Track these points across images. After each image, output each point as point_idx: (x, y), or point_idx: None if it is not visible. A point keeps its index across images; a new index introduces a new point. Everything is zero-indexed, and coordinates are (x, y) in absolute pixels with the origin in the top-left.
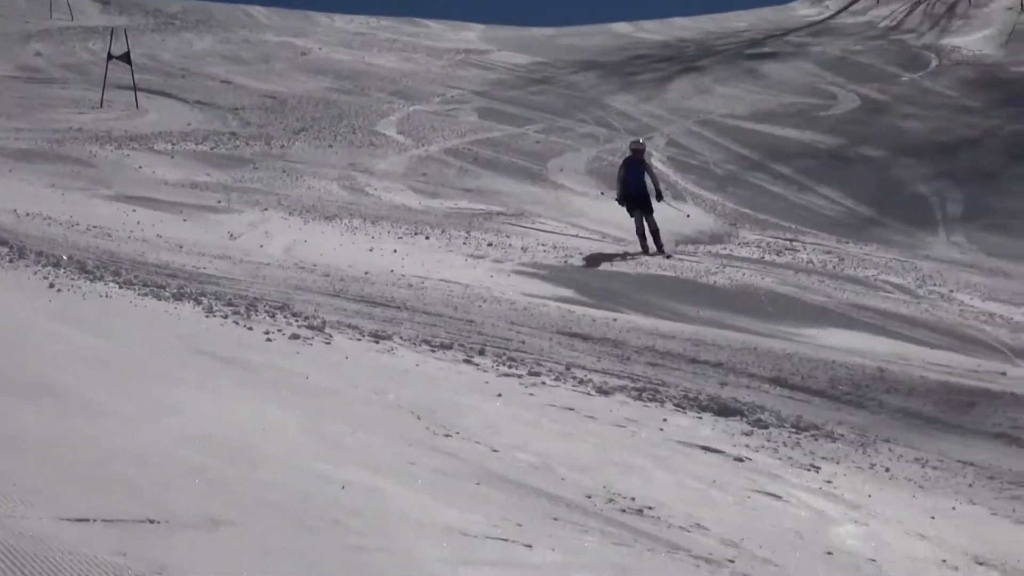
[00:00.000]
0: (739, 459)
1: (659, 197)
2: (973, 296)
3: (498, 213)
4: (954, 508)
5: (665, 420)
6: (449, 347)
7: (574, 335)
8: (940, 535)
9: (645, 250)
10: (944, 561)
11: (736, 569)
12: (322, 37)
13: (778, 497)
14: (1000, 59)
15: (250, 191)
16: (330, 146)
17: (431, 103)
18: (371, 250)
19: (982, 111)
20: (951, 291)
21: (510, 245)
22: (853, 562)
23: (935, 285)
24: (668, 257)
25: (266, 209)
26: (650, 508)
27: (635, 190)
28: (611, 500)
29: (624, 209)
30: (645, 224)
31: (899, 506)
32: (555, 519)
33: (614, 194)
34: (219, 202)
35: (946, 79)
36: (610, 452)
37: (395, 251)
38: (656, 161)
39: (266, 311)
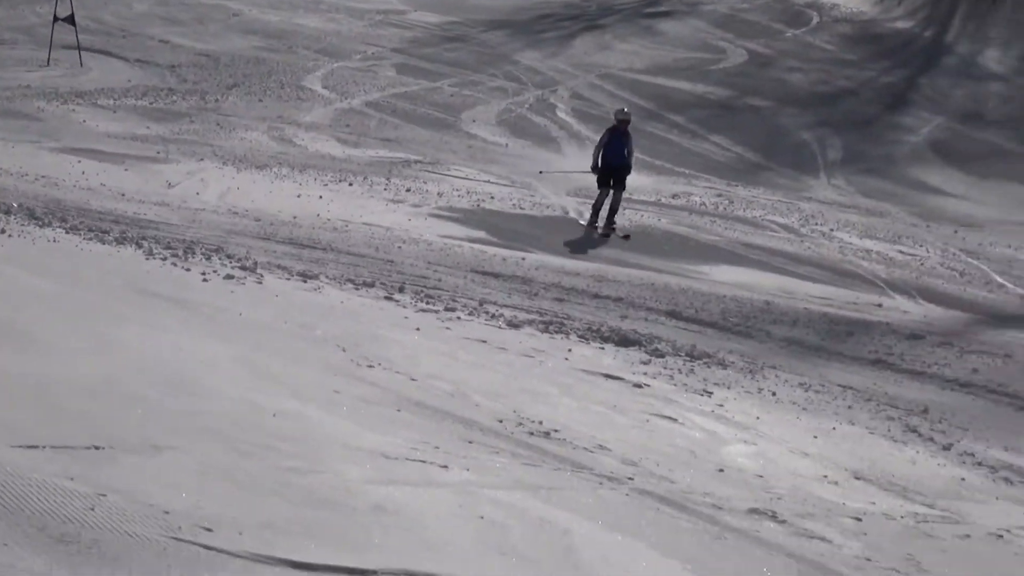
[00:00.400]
0: (638, 385)
1: (627, 171)
2: (851, 234)
3: (416, 161)
4: (834, 428)
5: (570, 350)
6: (371, 285)
7: (486, 273)
8: (822, 453)
9: (594, 224)
10: (825, 477)
11: (635, 486)
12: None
13: (674, 420)
14: (875, 15)
15: (187, 142)
16: (260, 100)
17: (353, 60)
18: (299, 196)
19: (859, 64)
20: (831, 230)
21: (427, 191)
22: (742, 478)
23: (817, 224)
24: (615, 234)
25: (201, 159)
26: (556, 431)
27: (616, 163)
28: (521, 424)
29: (595, 179)
30: (608, 200)
31: (784, 427)
32: (469, 442)
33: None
34: (158, 153)
35: (826, 34)
36: (520, 380)
37: (321, 197)
38: (561, 112)
39: (202, 253)
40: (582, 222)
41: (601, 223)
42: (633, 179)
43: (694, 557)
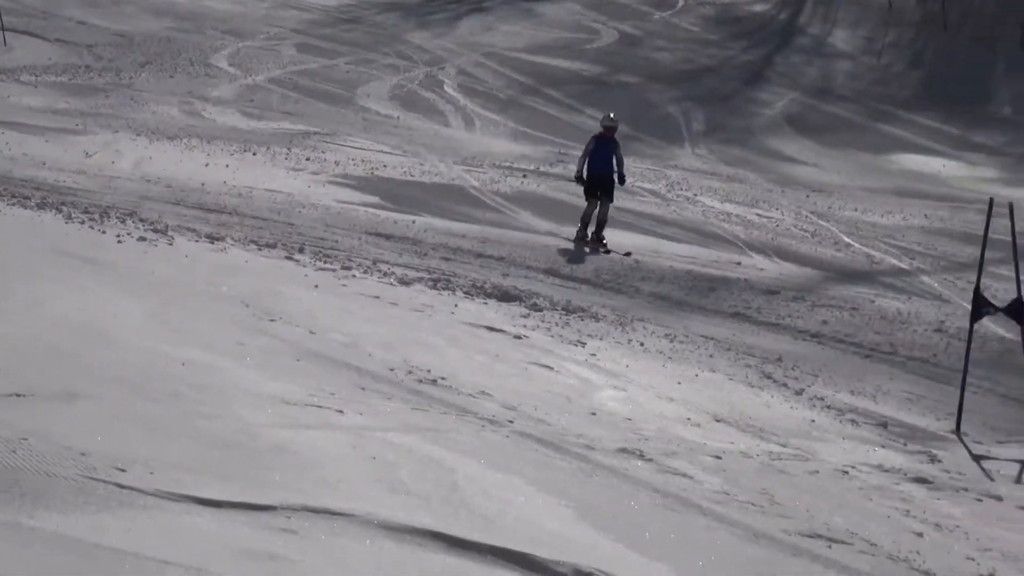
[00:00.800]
0: (518, 337)
1: (621, 181)
2: (713, 199)
3: (314, 133)
4: (697, 375)
5: (456, 305)
6: (273, 246)
7: (379, 235)
8: (685, 397)
9: (584, 237)
10: (688, 419)
11: (514, 428)
12: None
13: (550, 368)
14: (735, 2)
15: (103, 116)
16: (171, 77)
17: (257, 40)
18: (207, 165)
19: (720, 44)
20: (695, 195)
21: (325, 160)
22: (612, 421)
23: (681, 190)
24: (606, 250)
25: (117, 131)
26: (443, 378)
27: (601, 172)
28: (410, 372)
29: (580, 186)
30: (595, 211)
31: (651, 374)
32: (363, 388)
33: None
34: (76, 125)
35: (691, 16)
36: (410, 332)
37: (227, 166)
38: (448, 88)
39: (117, 217)
40: (573, 239)
41: (591, 234)
42: (515, 148)
43: (568, 492)
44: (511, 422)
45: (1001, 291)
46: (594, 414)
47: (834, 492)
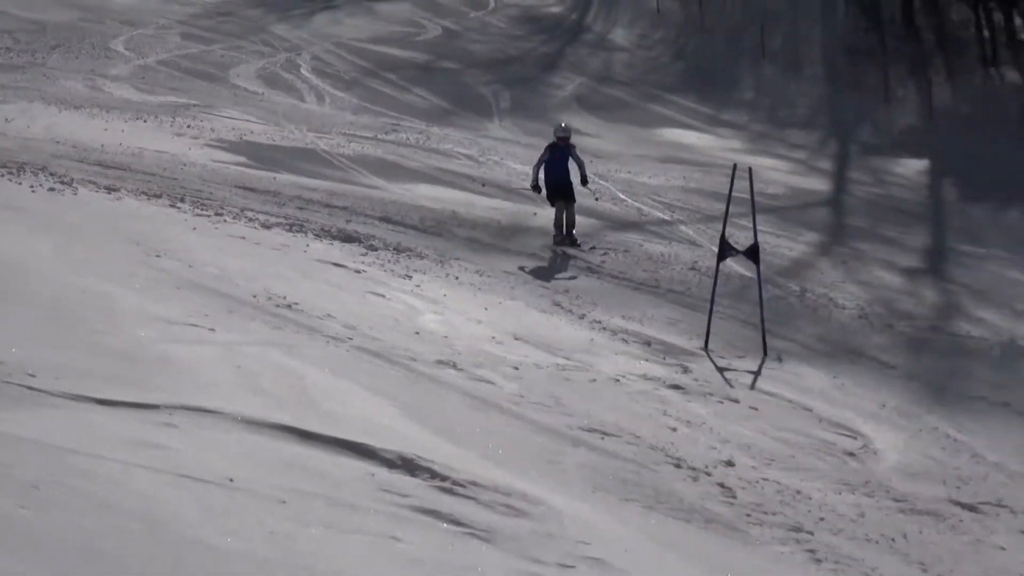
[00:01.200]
0: (357, 271)
1: (584, 182)
2: (515, 162)
3: (194, 105)
4: (500, 303)
5: (308, 245)
6: (159, 196)
7: (246, 188)
8: (492, 320)
9: (561, 240)
10: (493, 338)
11: (353, 344)
12: None
13: (383, 296)
14: (536, 3)
15: (20, 89)
16: (76, 58)
17: (148, 28)
18: (105, 130)
19: (523, 38)
20: (501, 159)
21: (202, 127)
22: (432, 338)
23: (491, 155)
24: (578, 246)
25: (31, 101)
26: (296, 304)
27: (559, 179)
28: (270, 299)
29: (536, 194)
30: (564, 213)
31: (464, 302)
32: (231, 311)
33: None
34: None
35: (500, 16)
36: (270, 267)
37: (122, 131)
38: (304, 70)
39: (31, 171)
40: (555, 248)
41: (563, 234)
42: (357, 119)
43: (395, 395)
44: (351, 339)
45: (742, 238)
46: (417, 333)
47: (608, 396)
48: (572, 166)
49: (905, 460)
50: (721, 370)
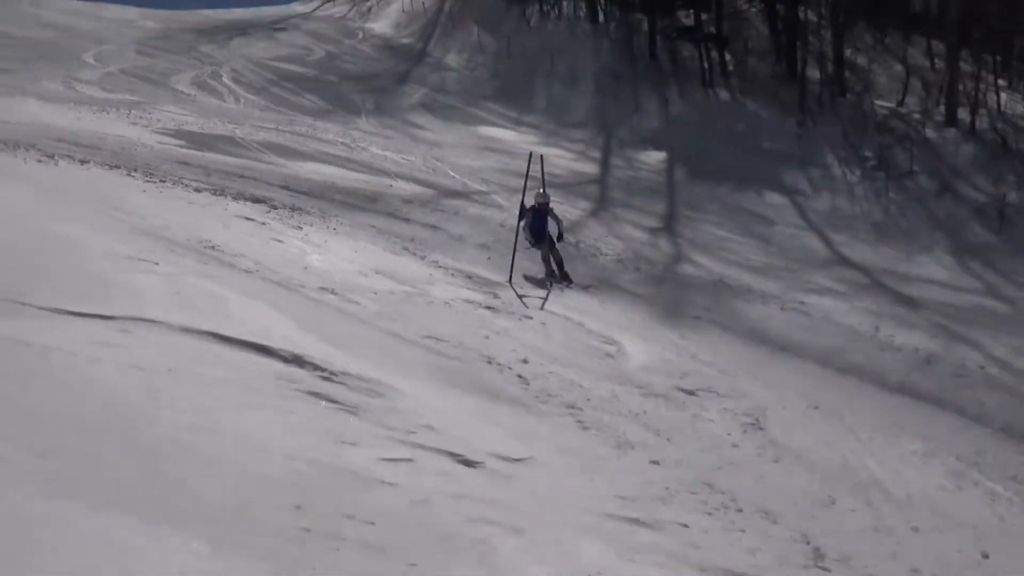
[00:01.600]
0: (263, 223)
1: (559, 238)
2: (377, 148)
3: (145, 103)
4: (366, 247)
5: (227, 205)
6: (119, 167)
7: (184, 163)
8: (360, 259)
9: (552, 275)
10: (360, 272)
11: (260, 275)
12: (54, 6)
13: (281, 241)
14: (393, 34)
15: (12, 87)
16: (56, 65)
17: (112, 46)
18: (78, 119)
19: (382, 60)
20: (367, 146)
21: (151, 118)
22: (317, 272)
23: (359, 144)
24: (570, 284)
25: (21, 97)
26: (218, 246)
27: (540, 232)
28: (200, 243)
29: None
30: (551, 254)
31: (340, 247)
32: (172, 251)
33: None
34: None
35: (367, 44)
36: (199, 220)
37: (91, 120)
38: (225, 79)
39: (23, 148)
40: (552, 283)
41: (557, 273)
42: (264, 115)
43: (291, 312)
44: (258, 271)
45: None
46: (306, 268)
47: (440, 314)
48: (551, 223)
49: (646, 360)
50: (520, 296)
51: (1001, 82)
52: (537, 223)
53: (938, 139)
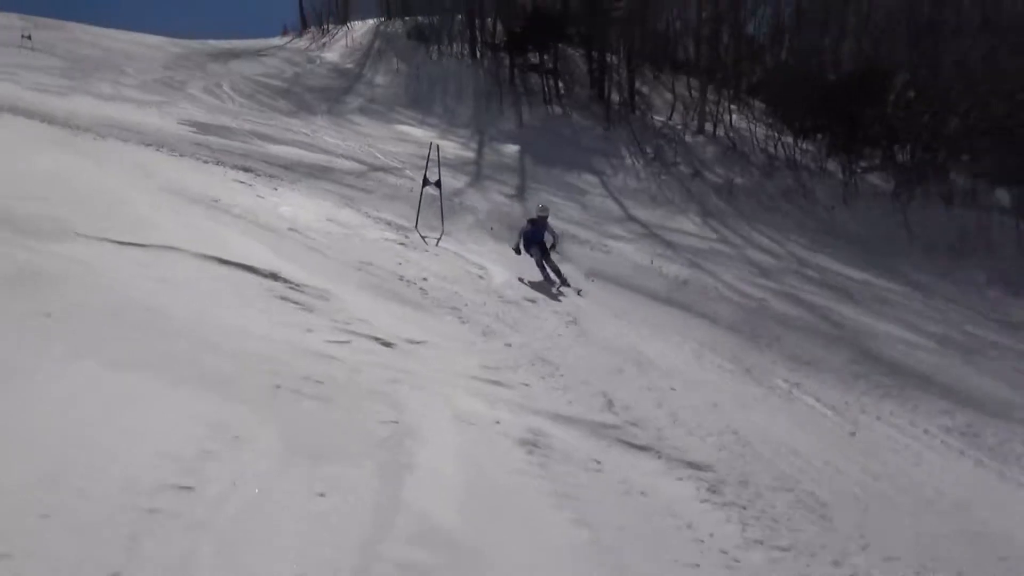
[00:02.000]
0: (250, 185)
1: (553, 248)
2: (331, 138)
3: (170, 103)
4: (320, 203)
5: (226, 173)
6: (151, 145)
7: (196, 144)
8: (316, 211)
9: (548, 279)
10: (317, 219)
11: (247, 219)
12: (102, 34)
13: (262, 197)
14: (339, 62)
15: (74, 90)
16: (105, 73)
17: (146, 63)
18: (121, 112)
19: (334, 78)
20: (324, 136)
21: (174, 112)
22: (286, 218)
23: (317, 134)
24: (567, 285)
25: (78, 96)
26: (219, 200)
27: (536, 241)
28: (207, 198)
29: (513, 253)
30: (545, 263)
31: (303, 202)
32: (188, 203)
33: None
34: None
35: (323, 69)
36: (207, 182)
37: (131, 113)
38: (225, 88)
39: (83, 130)
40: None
41: (555, 279)
42: (252, 115)
43: (269, 243)
44: (246, 217)
45: (431, 177)
46: (279, 215)
47: (369, 247)
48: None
49: (504, 280)
50: (423, 237)
51: (732, 107)
52: (534, 235)
53: (692, 142)
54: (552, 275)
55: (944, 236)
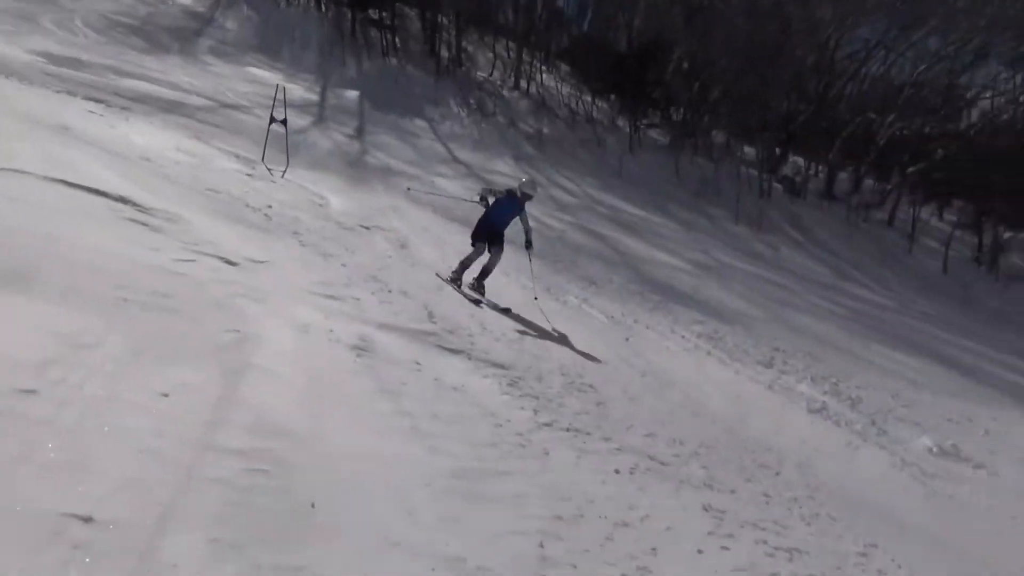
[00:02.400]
0: (102, 116)
1: (528, 245)
2: (182, 76)
3: (20, 33)
4: (172, 135)
5: (77, 103)
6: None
7: (47, 74)
8: (167, 142)
9: (456, 281)
10: (167, 149)
11: (98, 146)
12: None
13: (114, 128)
14: (192, 5)
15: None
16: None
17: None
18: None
19: (188, 21)
20: (176, 74)
21: (24, 43)
22: (138, 147)
23: (170, 72)
24: (480, 293)
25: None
26: (71, 128)
27: (498, 227)
28: (58, 125)
29: (475, 198)
30: (480, 259)
31: (155, 133)
32: (38, 128)
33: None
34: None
35: (176, 9)
36: (59, 111)
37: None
38: (78, 23)
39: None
40: (443, 277)
41: (467, 280)
42: (105, 49)
43: (119, 169)
44: (96, 144)
45: (278, 115)
46: (130, 144)
47: (217, 176)
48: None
49: (342, 208)
50: (269, 169)
51: (543, 68)
52: (501, 214)
53: (509, 96)
54: (478, 289)
55: (704, 182)
